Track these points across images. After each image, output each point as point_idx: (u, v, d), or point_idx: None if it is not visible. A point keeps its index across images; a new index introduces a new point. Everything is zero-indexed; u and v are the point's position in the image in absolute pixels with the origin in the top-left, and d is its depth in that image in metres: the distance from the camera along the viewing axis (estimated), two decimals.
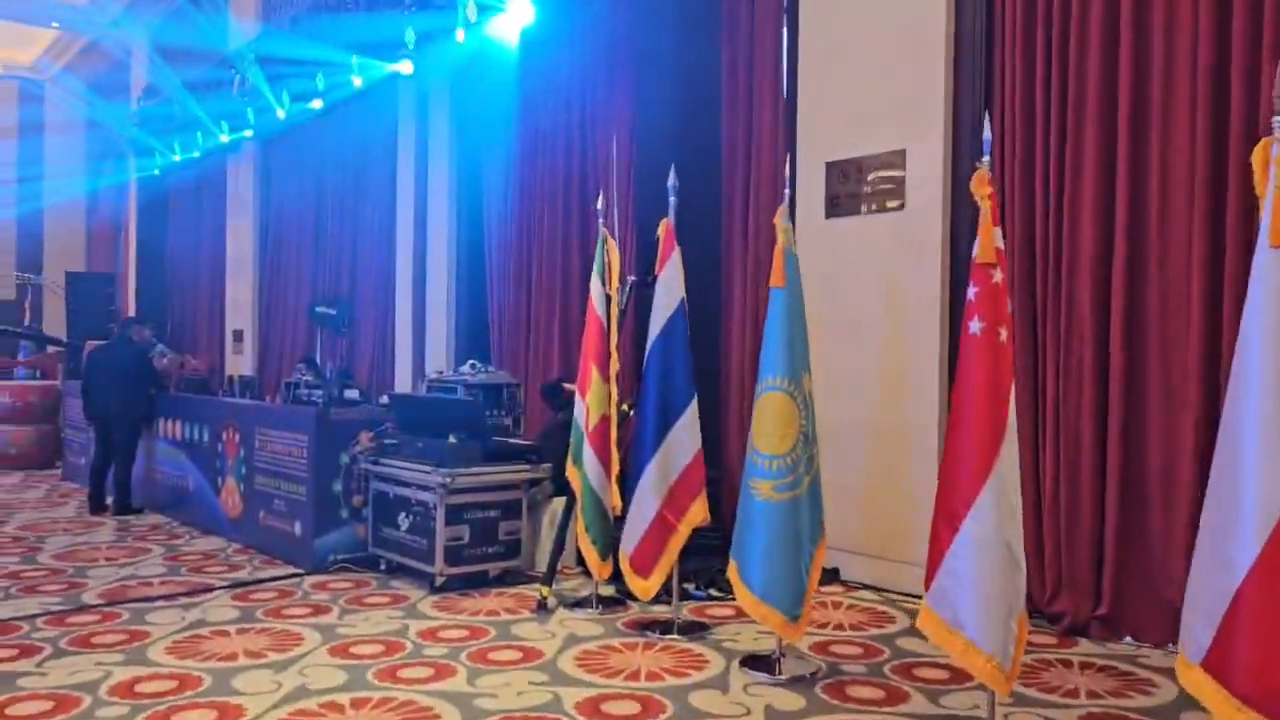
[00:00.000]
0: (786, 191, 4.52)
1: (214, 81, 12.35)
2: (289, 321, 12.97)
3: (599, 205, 5.61)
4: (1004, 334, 3.55)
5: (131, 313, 16.06)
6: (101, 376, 8.40)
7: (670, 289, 4.99)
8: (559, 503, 6.37)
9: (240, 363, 13.94)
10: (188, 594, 5.66)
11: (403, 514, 5.96)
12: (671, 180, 5.06)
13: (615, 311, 5.46)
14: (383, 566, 6.21)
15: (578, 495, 5.46)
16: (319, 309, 7.61)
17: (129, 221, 17.80)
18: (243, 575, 6.16)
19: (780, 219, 4.45)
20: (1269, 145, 2.89)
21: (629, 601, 5.50)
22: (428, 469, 5.74)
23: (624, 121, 7.91)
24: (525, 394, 7.82)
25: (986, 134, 3.63)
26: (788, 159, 5.26)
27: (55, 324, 15.79)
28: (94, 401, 8.39)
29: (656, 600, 5.15)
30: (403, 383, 10.29)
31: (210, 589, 5.79)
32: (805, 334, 4.42)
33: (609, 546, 5.36)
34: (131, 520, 8.03)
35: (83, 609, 5.32)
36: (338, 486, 6.32)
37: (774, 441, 4.27)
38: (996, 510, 3.48)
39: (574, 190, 8.60)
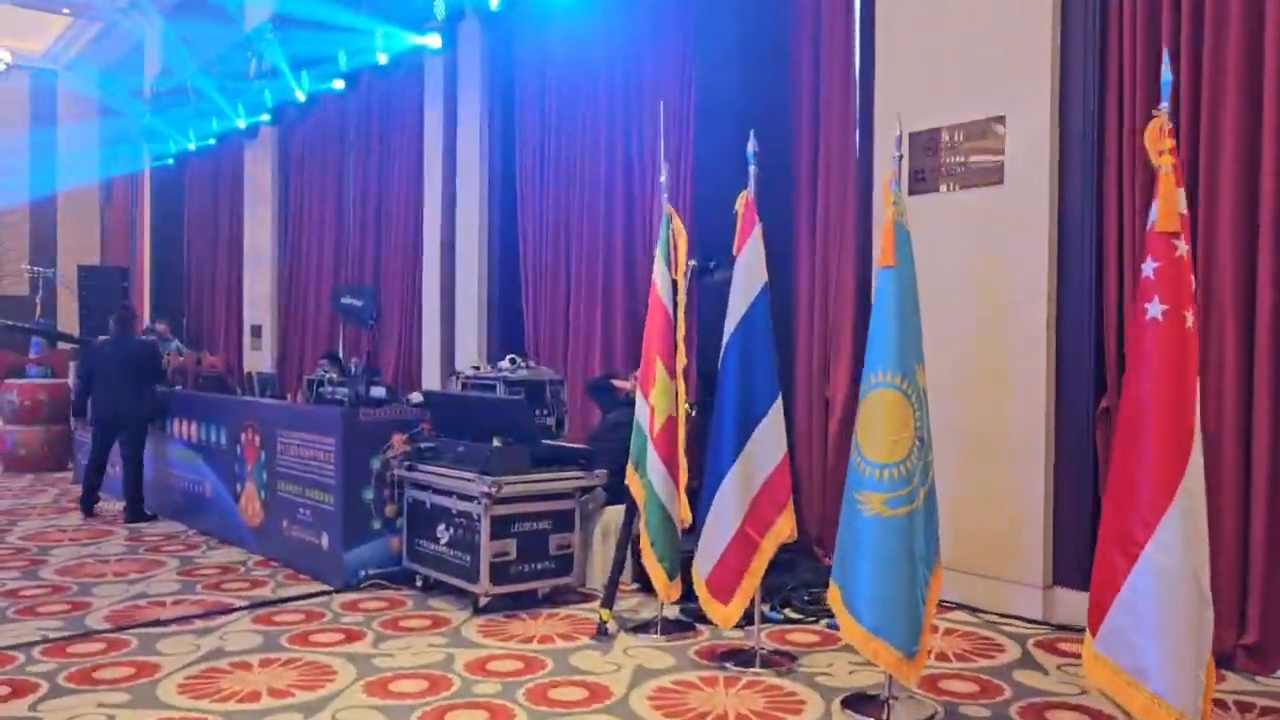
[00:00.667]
0: (896, 154, 3.88)
1: (231, 65, 11.80)
2: (310, 316, 12.39)
3: (664, 179, 4.97)
4: (1190, 319, 2.92)
5: (148, 308, 15.55)
6: (107, 374, 7.84)
7: (751, 272, 4.37)
8: (612, 513, 5.78)
9: (259, 359, 13.38)
10: (204, 616, 5.08)
11: (442, 525, 5.36)
12: (751, 147, 4.44)
13: (682, 299, 4.84)
14: (419, 583, 5.62)
15: (640, 506, 4.85)
16: (344, 300, 7.03)
17: (143, 213, 17.29)
18: (265, 593, 5.58)
19: (890, 187, 3.81)
20: None
21: (698, 625, 4.89)
22: (470, 476, 5.13)
23: (679, 86, 7.26)
24: (568, 392, 7.20)
25: (1166, 75, 2.99)
26: (853, 129, 4.63)
27: (68, 319, 15.28)
28: (99, 402, 7.87)
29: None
30: (431, 379, 9.69)
31: (229, 610, 5.21)
32: (919, 320, 3.78)
33: (677, 564, 4.75)
34: (144, 528, 7.46)
35: (87, 635, 4.74)
36: (368, 495, 5.73)
37: (885, 447, 3.64)
38: (1184, 535, 2.86)
39: (618, 169, 7.98)
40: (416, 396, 8.26)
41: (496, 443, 5.23)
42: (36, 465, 10.38)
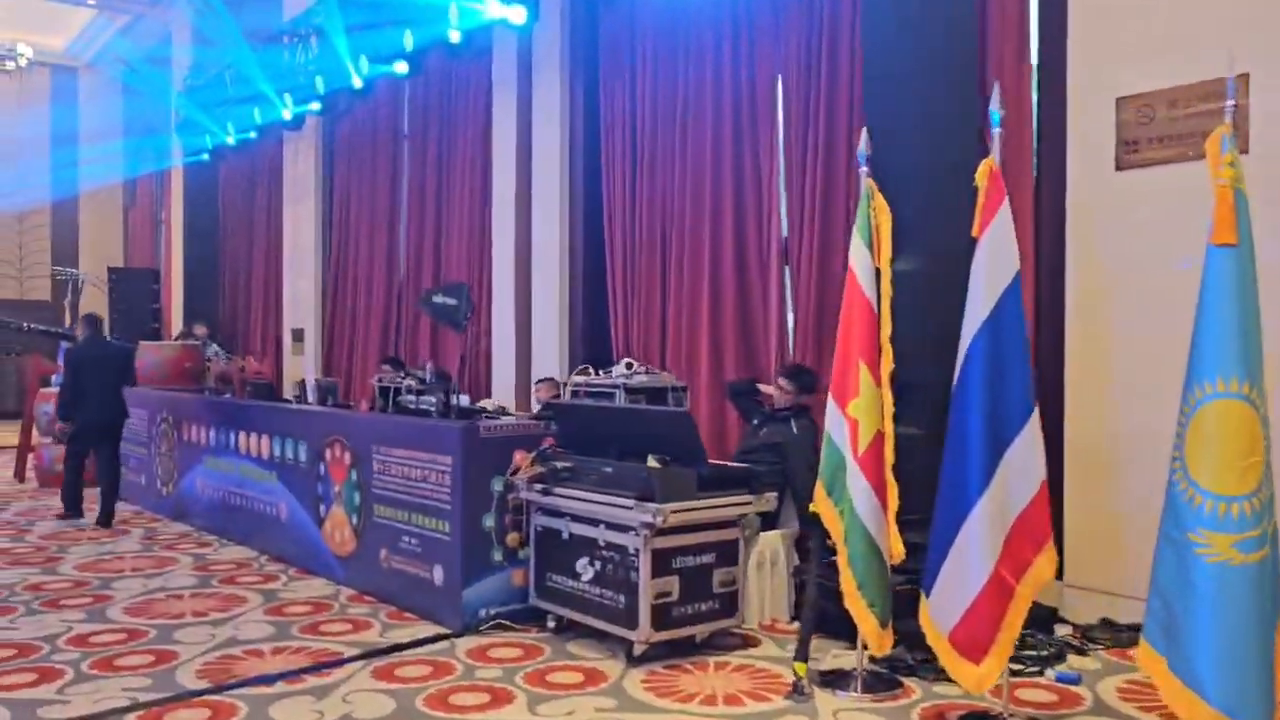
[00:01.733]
0: (1229, 104, 3.09)
1: (274, 52, 11.04)
2: (360, 318, 11.62)
3: (862, 147, 4.16)
4: None
5: (179, 311, 14.79)
6: (92, 380, 7.69)
7: (999, 258, 3.58)
8: (768, 540, 5.01)
9: (300, 365, 12.62)
10: (314, 670, 4.30)
11: (584, 559, 4.58)
12: (995, 101, 3.66)
13: (887, 290, 4.06)
14: (551, 624, 4.84)
15: (837, 538, 4.06)
16: (436, 299, 6.26)
17: (170, 213, 16.54)
18: (372, 638, 4.80)
19: (1218, 142, 3.02)
20: None
21: (903, 680, 4.12)
22: (625, 502, 4.34)
23: (813, 57, 6.47)
24: (690, 399, 6.43)
25: None
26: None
27: None
28: (87, 406, 7.66)
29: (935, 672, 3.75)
30: (504, 388, 8.91)
31: (340, 660, 4.43)
32: (1258, 314, 2.99)
33: (889, 608, 3.96)
34: (210, 555, 6.69)
35: (184, 700, 3.96)
36: (489, 522, 4.95)
37: (1234, 475, 2.86)
38: None
39: (727, 152, 7.21)
40: (489, 404, 7.48)
41: (653, 462, 4.45)
42: None
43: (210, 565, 6.35)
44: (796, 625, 4.92)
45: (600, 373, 6.32)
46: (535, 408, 7.53)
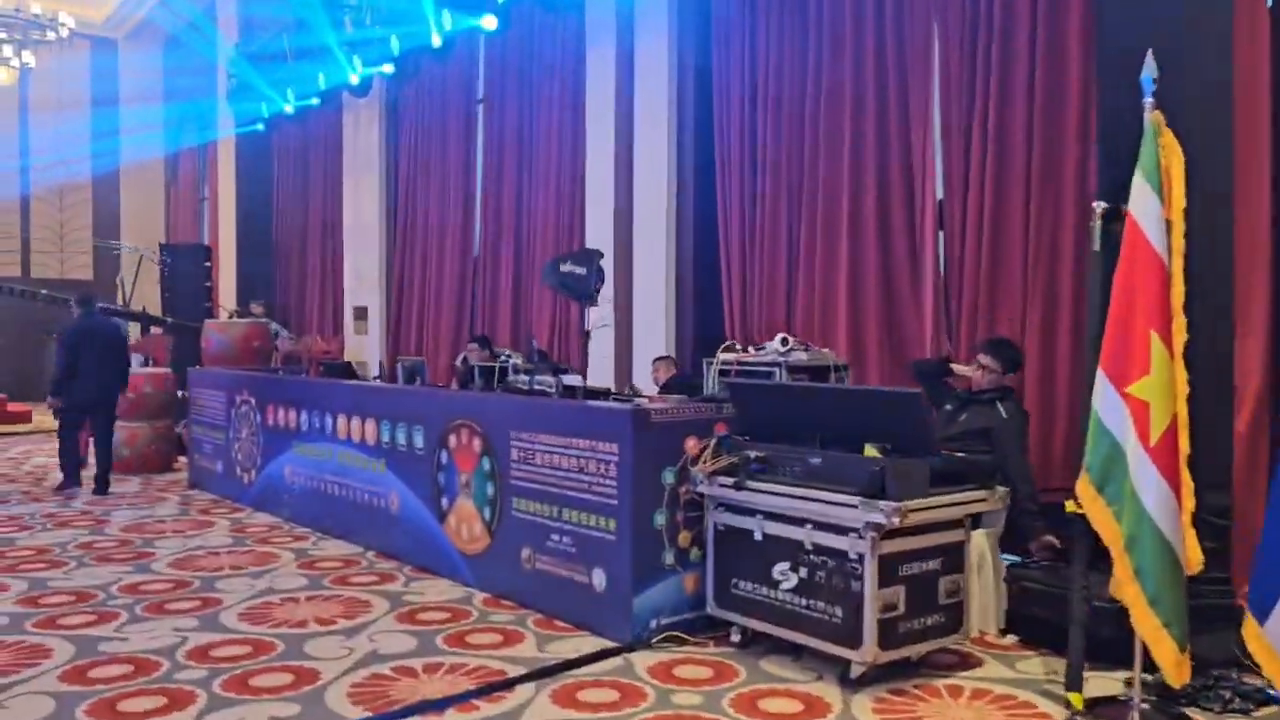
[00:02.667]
0: None
1: (340, 7, 10.38)
2: (430, 295, 10.99)
3: (1147, 68, 3.46)
4: None
5: (232, 289, 14.22)
6: (87, 357, 7.88)
7: None
8: (975, 540, 4.34)
9: (364, 345, 12.03)
10: (482, 694, 3.68)
11: (784, 564, 3.94)
12: None
13: (1179, 245, 3.38)
14: (735, 638, 4.21)
15: (1113, 544, 3.40)
16: (564, 266, 5.60)
17: (216, 188, 15.97)
18: (528, 651, 4.19)
19: None
20: None
21: (1186, 711, 3.47)
22: (848, 499, 3.70)
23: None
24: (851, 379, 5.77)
25: None
26: None
27: (147, 301, 13.94)
28: (84, 383, 7.87)
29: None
30: (602, 367, 8.26)
31: (506, 680, 3.81)
32: None
33: (1187, 629, 3.31)
34: (311, 549, 6.10)
35: None
36: (660, 519, 4.32)
37: None
38: None
39: (868, 96, 6.52)
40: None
41: (872, 451, 3.79)
42: (144, 466, 9.06)
43: (316, 563, 5.75)
44: (1010, 639, 4.30)
45: (750, 349, 5.67)
46: (651, 389, 6.91)
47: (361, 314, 12.27)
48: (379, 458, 5.96)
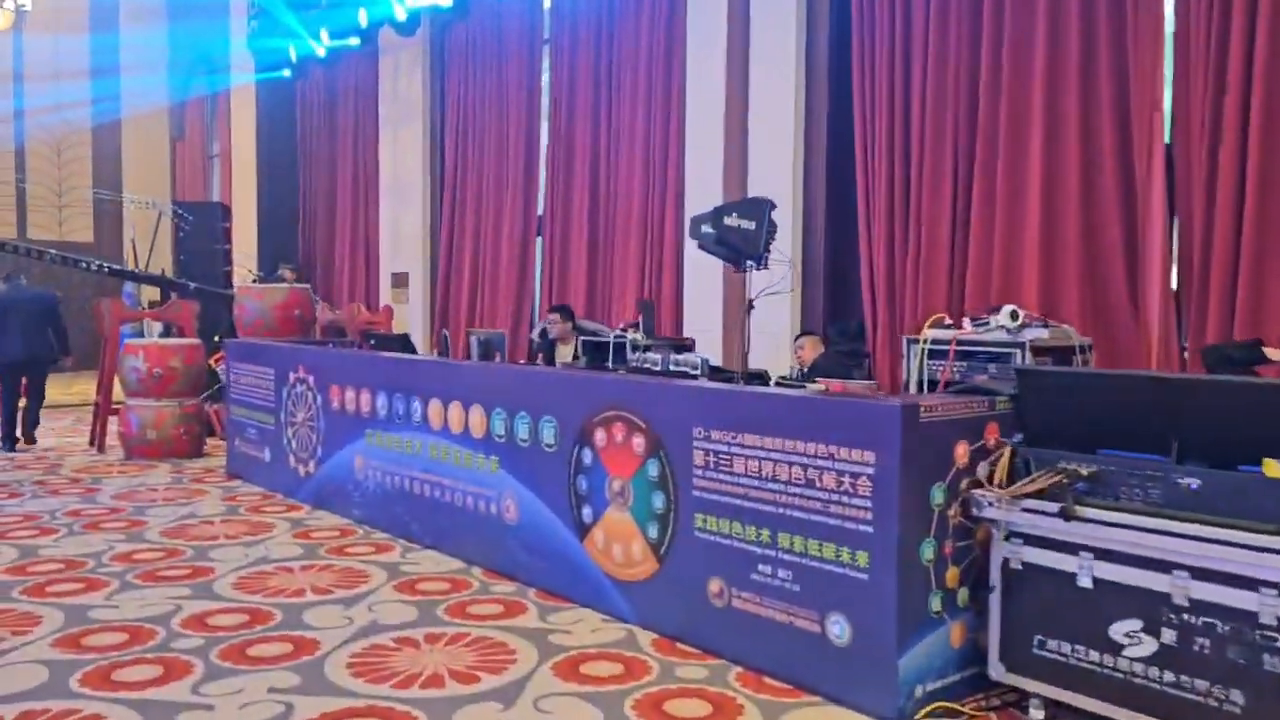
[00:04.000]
0: None
1: None
2: (486, 260, 9.85)
3: None
4: None
5: (250, 251, 13.01)
6: (15, 319, 8.28)
7: None
8: None
9: (404, 315, 10.90)
10: None
11: (1131, 623, 2.87)
12: None
13: None
14: (1037, 714, 3.14)
15: None
16: (728, 219, 4.42)
17: (228, 143, 14.74)
18: None
19: None
20: None
21: None
22: (1256, 539, 2.62)
23: None
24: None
25: None
26: None
27: (159, 261, 12.75)
28: (10, 346, 8.29)
29: None
30: (707, 346, 7.15)
31: None
32: None
33: None
34: (402, 568, 5.00)
35: None
36: (927, 552, 3.23)
37: None
38: None
39: (1070, 23, 5.40)
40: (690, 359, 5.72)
41: (1275, 469, 2.71)
42: (171, 450, 7.94)
43: (415, 583, 4.65)
44: None
45: (968, 324, 4.56)
46: (786, 373, 5.84)
47: (401, 281, 11.14)
48: (489, 454, 4.85)
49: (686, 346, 6.06)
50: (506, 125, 9.58)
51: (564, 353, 7.54)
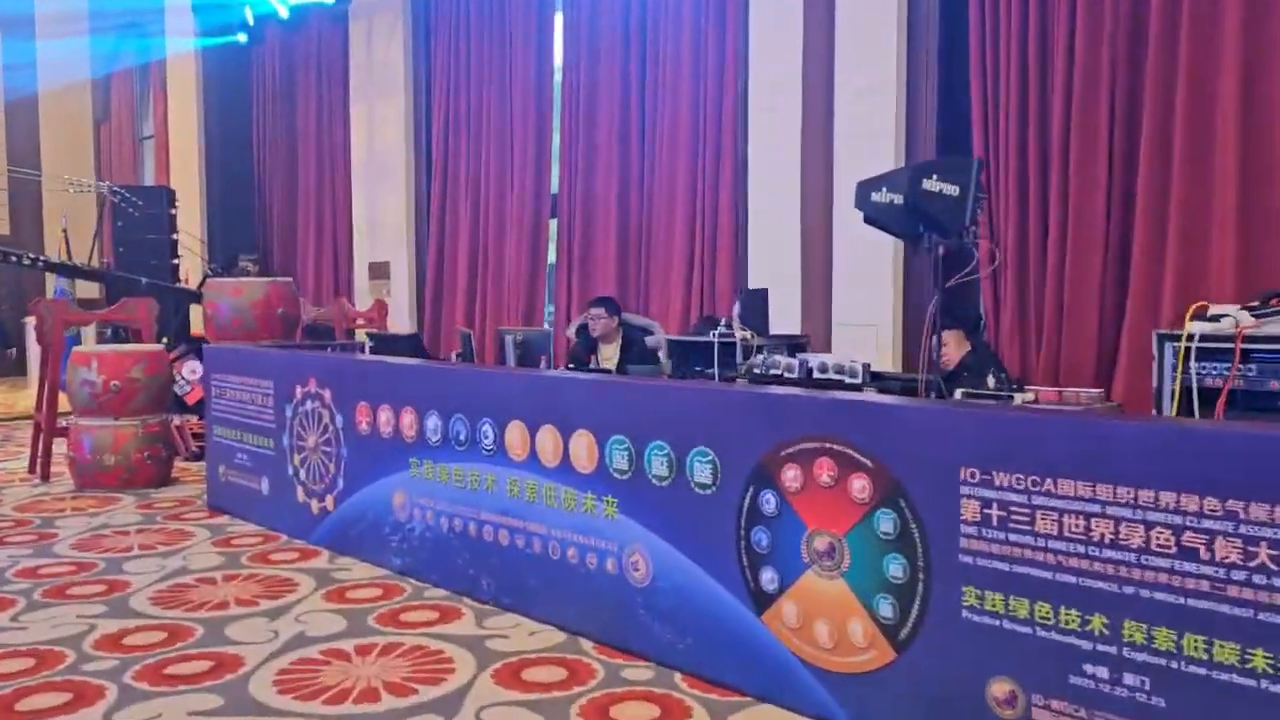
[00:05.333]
0: None
1: None
2: (490, 248, 8.66)
3: None
4: None
5: (194, 237, 11.54)
6: None
7: None
8: None
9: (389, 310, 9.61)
10: None
11: None
12: None
13: None
14: None
15: None
16: (927, 184, 3.38)
17: (167, 117, 13.21)
18: None
19: None
20: None
21: None
22: None
23: None
24: None
25: None
26: None
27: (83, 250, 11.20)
28: None
29: None
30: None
31: None
32: None
33: None
34: (500, 646, 3.85)
35: None
36: None
37: None
38: None
39: None
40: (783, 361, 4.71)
41: None
42: (134, 478, 6.60)
43: (520, 669, 3.51)
44: None
45: (1249, 314, 3.58)
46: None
47: (380, 271, 9.87)
48: (604, 494, 3.73)
49: (801, 346, 4.99)
50: (510, 94, 8.40)
51: (607, 354, 6.45)
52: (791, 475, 3.13)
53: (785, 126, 6.16)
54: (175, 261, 10.79)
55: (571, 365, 5.98)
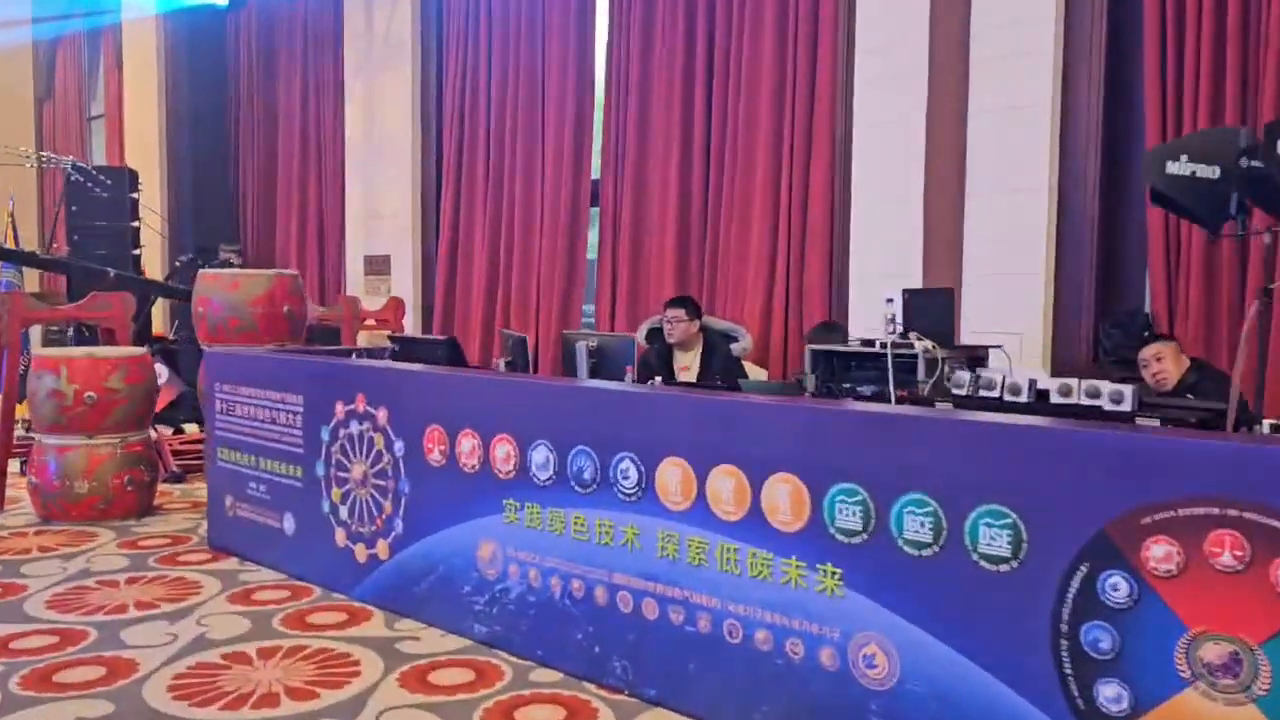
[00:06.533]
0: None
1: None
2: (516, 243, 7.62)
3: None
4: None
5: (165, 231, 10.32)
6: None
7: None
8: None
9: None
10: None
11: None
12: None
13: None
14: None
15: None
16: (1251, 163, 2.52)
17: (121, 92, 11.92)
18: None
19: None
20: None
21: None
22: None
23: None
24: None
25: None
26: None
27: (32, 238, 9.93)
28: None
29: None
30: None
31: None
32: None
33: None
34: None
35: None
36: None
37: None
38: None
39: None
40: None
41: None
42: (111, 508, 5.46)
43: None
44: None
45: None
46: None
47: (378, 266, 8.78)
48: (819, 561, 2.76)
49: (981, 359, 4.07)
50: (543, 60, 7.37)
51: (684, 362, 5.50)
52: (1160, 553, 2.20)
53: (903, 98, 5.26)
54: (136, 252, 9.57)
55: (651, 376, 5.00)
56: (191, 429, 7.58)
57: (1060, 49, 4.89)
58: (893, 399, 3.81)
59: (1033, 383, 3.28)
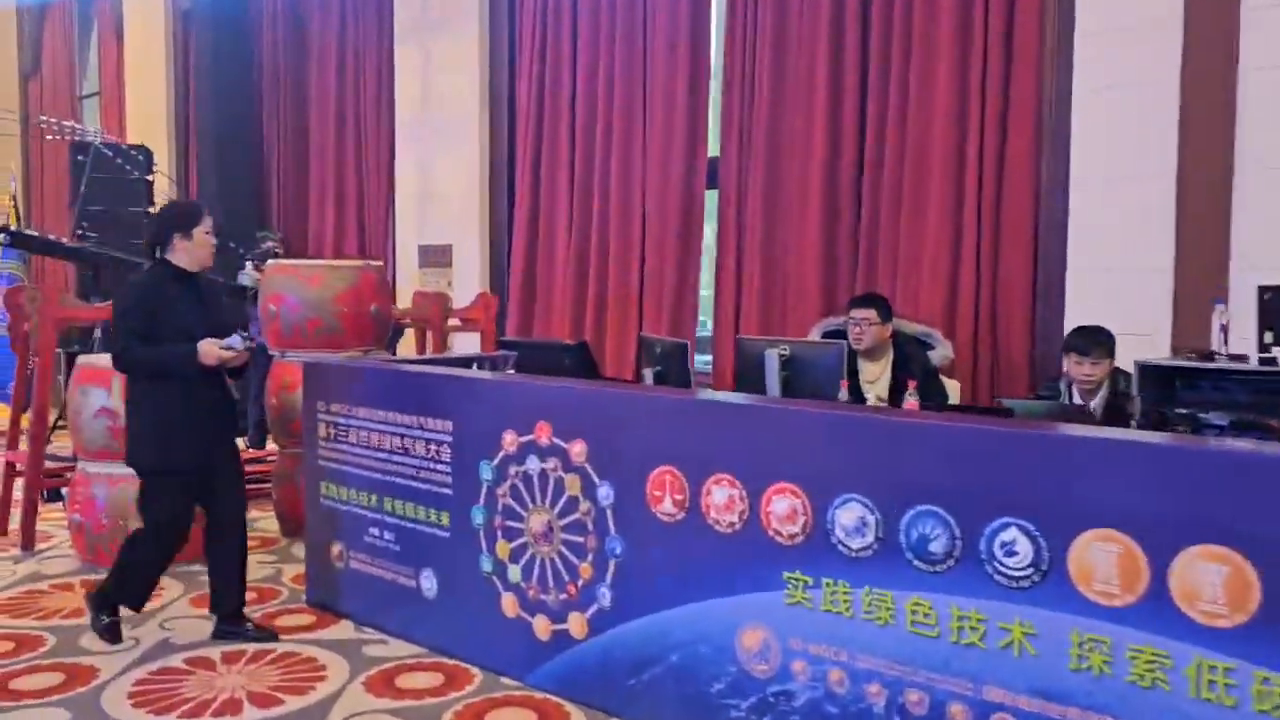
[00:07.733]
0: None
1: None
2: (613, 228, 6.62)
3: None
4: None
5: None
6: None
7: None
8: None
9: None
10: None
11: None
12: None
13: None
14: None
15: None
16: None
17: (123, 62, 10.80)
18: None
19: None
20: None
21: None
22: None
23: None
24: None
25: None
26: None
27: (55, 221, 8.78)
28: None
29: None
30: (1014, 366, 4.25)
31: None
32: None
33: None
34: None
35: None
36: None
37: None
38: None
39: None
40: None
41: None
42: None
43: None
44: None
45: None
46: None
47: (435, 258, 7.75)
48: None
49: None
50: (648, 9, 6.35)
51: (872, 373, 4.58)
52: None
53: (1144, 52, 4.34)
54: (136, 241, 8.47)
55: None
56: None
57: None
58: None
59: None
